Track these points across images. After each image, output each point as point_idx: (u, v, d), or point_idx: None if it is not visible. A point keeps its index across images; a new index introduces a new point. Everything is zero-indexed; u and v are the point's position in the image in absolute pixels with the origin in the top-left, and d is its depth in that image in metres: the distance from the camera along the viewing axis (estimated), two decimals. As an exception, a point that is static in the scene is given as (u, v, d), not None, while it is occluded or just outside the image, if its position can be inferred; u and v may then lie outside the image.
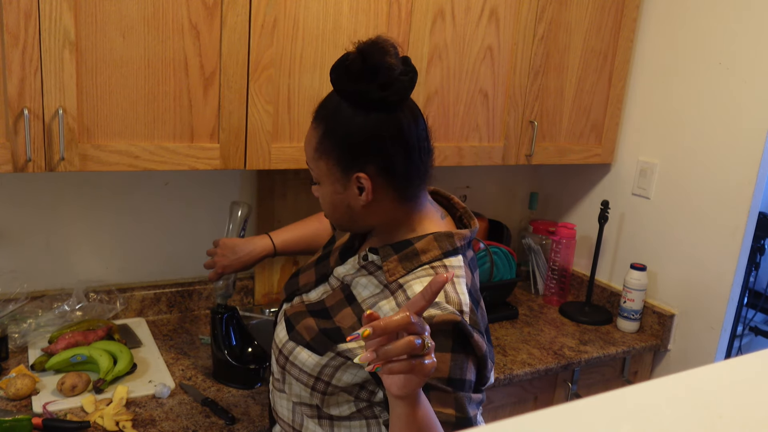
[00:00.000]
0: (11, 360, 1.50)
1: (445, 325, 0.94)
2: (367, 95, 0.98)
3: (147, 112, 1.38)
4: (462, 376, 0.95)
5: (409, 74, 0.99)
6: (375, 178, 1.02)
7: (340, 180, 1.04)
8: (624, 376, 1.98)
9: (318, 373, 1.05)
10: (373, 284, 1.06)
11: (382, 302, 1.02)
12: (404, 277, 1.02)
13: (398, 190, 1.04)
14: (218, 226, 1.87)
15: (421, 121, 1.05)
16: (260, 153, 1.51)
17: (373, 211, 1.06)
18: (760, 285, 2.87)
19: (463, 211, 1.15)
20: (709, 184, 1.85)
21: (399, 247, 1.05)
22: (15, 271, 1.64)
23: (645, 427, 0.40)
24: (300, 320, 1.10)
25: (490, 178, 2.33)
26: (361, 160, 1.01)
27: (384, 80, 0.97)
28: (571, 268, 2.17)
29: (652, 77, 1.99)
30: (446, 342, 0.94)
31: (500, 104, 1.83)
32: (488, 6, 1.73)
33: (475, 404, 0.97)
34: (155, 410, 1.36)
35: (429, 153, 1.07)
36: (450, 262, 1.03)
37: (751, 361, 0.49)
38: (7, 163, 1.27)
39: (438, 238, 1.04)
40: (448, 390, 0.93)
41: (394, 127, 1.00)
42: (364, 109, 1.00)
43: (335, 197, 1.06)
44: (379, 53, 0.96)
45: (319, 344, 1.05)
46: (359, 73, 0.97)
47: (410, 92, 1.01)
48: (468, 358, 0.96)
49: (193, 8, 1.37)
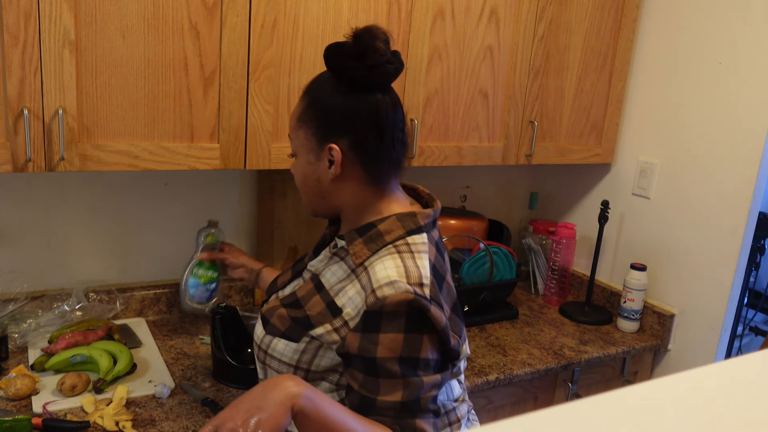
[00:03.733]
0: (11, 360, 1.50)
1: (398, 306, 0.97)
2: (352, 71, 1.05)
3: (147, 112, 1.38)
4: (417, 354, 0.98)
5: (395, 64, 1.06)
6: (346, 153, 1.07)
7: (315, 150, 1.10)
8: (624, 376, 1.98)
9: (296, 362, 1.08)
10: (342, 269, 1.10)
11: (348, 287, 1.06)
12: (369, 259, 1.05)
13: (367, 170, 1.09)
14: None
15: (400, 111, 1.11)
16: (260, 153, 1.51)
17: (340, 188, 1.10)
18: (760, 285, 2.87)
19: (428, 196, 1.19)
20: (709, 184, 1.84)
21: (363, 230, 1.09)
22: (15, 271, 1.64)
23: (645, 427, 0.40)
24: (273, 313, 1.14)
25: (490, 178, 2.33)
26: (336, 133, 1.07)
27: (371, 62, 1.03)
28: (571, 268, 2.17)
29: (652, 77, 1.99)
30: (399, 322, 0.97)
31: (500, 104, 1.83)
32: (488, 6, 1.73)
33: (430, 386, 1.00)
34: (155, 410, 1.36)
35: (403, 145, 1.12)
36: (413, 239, 1.06)
37: (751, 361, 0.49)
38: (7, 163, 1.27)
39: (401, 218, 1.08)
40: (397, 374, 0.97)
41: (372, 107, 1.06)
42: (348, 86, 1.07)
43: (307, 168, 1.12)
44: (371, 38, 1.03)
45: (293, 332, 1.09)
46: (350, 53, 1.04)
47: (393, 79, 1.08)
48: (423, 335, 0.99)
49: (193, 8, 1.37)
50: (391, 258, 1.03)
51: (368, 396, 0.98)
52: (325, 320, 1.06)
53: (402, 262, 1.02)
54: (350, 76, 1.05)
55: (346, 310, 1.04)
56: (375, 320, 0.98)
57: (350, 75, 1.05)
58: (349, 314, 1.03)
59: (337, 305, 1.06)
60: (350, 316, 1.03)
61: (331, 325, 1.05)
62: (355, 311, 1.02)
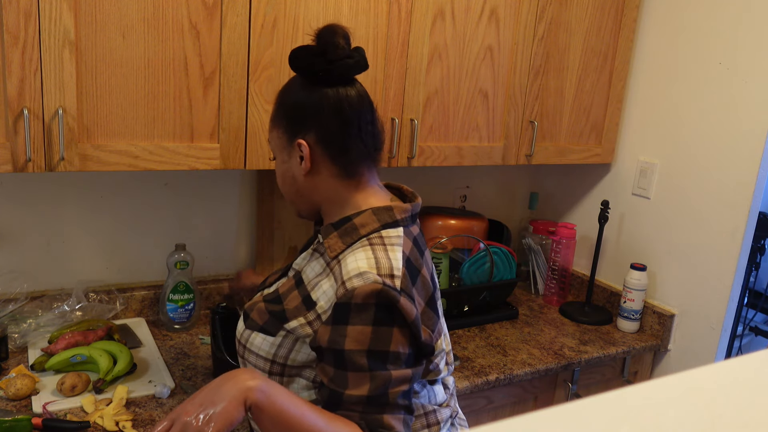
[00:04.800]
0: (11, 360, 1.50)
1: (367, 297, 0.96)
2: (314, 67, 1.07)
3: (147, 112, 1.38)
4: (386, 348, 0.97)
5: (355, 58, 1.08)
6: (314, 147, 1.09)
7: (286, 148, 1.12)
8: (624, 376, 1.98)
9: (273, 356, 1.08)
10: (319, 264, 1.10)
11: (323, 281, 1.06)
12: (343, 252, 1.06)
13: (336, 162, 1.10)
14: (218, 226, 1.87)
15: (366, 103, 1.11)
16: (260, 153, 1.51)
17: (314, 183, 1.11)
18: (760, 285, 2.87)
19: (410, 194, 1.19)
20: (709, 184, 1.84)
21: (339, 224, 1.10)
22: (15, 271, 1.64)
23: (645, 427, 0.40)
24: (253, 308, 1.15)
25: (490, 178, 2.33)
26: (303, 128, 1.09)
27: (332, 57, 1.06)
28: (571, 268, 2.17)
29: (652, 77, 1.99)
30: (368, 314, 0.97)
31: (500, 104, 1.83)
32: (488, 6, 1.73)
33: (399, 381, 0.98)
34: (155, 410, 1.36)
35: (375, 137, 1.12)
36: (387, 233, 1.06)
37: (751, 361, 0.49)
38: (7, 163, 1.27)
39: (376, 212, 1.08)
40: (365, 368, 0.96)
41: (335, 100, 1.08)
42: (312, 82, 1.09)
43: (283, 167, 1.14)
44: (330, 35, 1.06)
45: (270, 326, 1.09)
46: (312, 51, 1.07)
47: (355, 73, 1.09)
48: (393, 328, 0.97)
49: (193, 8, 1.37)
50: (362, 250, 1.03)
51: (336, 390, 0.97)
52: (299, 314, 1.06)
53: (373, 253, 1.02)
54: (312, 71, 1.08)
55: (319, 303, 1.04)
56: (344, 312, 0.97)
57: (312, 70, 1.08)
58: (322, 307, 1.03)
59: (312, 299, 1.06)
60: (323, 309, 1.03)
61: (305, 318, 1.05)
62: (328, 304, 1.02)
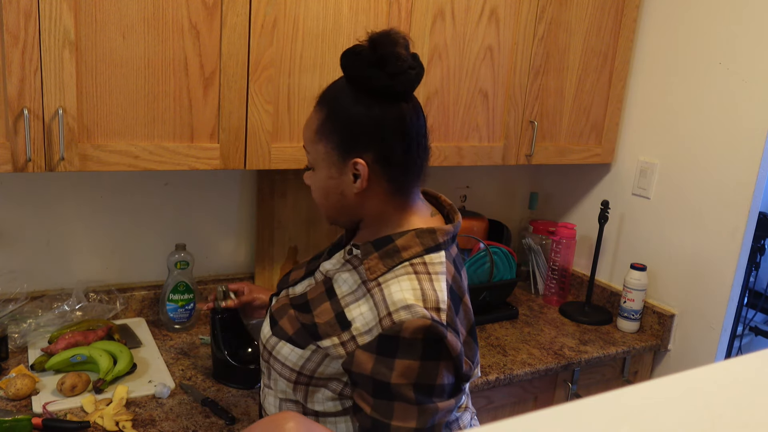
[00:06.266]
0: (11, 360, 1.50)
1: (415, 332, 0.94)
2: (374, 82, 0.99)
3: (147, 112, 1.38)
4: (432, 381, 0.96)
5: (416, 69, 1.01)
6: (372, 166, 1.02)
7: (337, 164, 1.04)
8: (624, 376, 1.98)
9: (300, 368, 1.06)
10: (353, 279, 1.06)
11: (360, 300, 1.02)
12: (384, 275, 1.02)
13: (392, 182, 1.05)
14: (218, 227, 1.87)
15: (422, 117, 1.06)
16: (260, 153, 1.51)
17: (364, 201, 1.06)
18: (760, 285, 2.87)
19: (450, 207, 1.15)
20: (709, 184, 1.84)
21: (379, 244, 1.04)
22: (15, 271, 1.64)
23: (645, 427, 0.40)
24: (283, 315, 1.11)
25: (490, 178, 2.33)
26: (360, 147, 1.02)
27: (392, 70, 0.98)
28: (571, 268, 2.17)
29: (652, 77, 1.99)
30: (416, 349, 0.95)
31: (500, 104, 1.83)
32: (488, 6, 1.73)
33: (445, 412, 0.98)
34: (155, 410, 1.36)
35: (426, 151, 1.08)
36: (431, 258, 1.03)
37: (751, 361, 0.49)
38: (7, 163, 1.27)
39: (419, 235, 1.04)
40: (412, 400, 0.94)
41: (397, 117, 1.01)
42: (369, 96, 1.01)
43: (329, 182, 1.06)
44: (390, 43, 0.98)
45: (300, 338, 1.06)
46: (369, 60, 0.99)
47: (416, 86, 1.03)
48: (440, 362, 0.96)
49: (193, 8, 1.37)
50: (407, 279, 0.99)
51: (381, 420, 0.95)
52: (333, 332, 1.02)
53: (419, 284, 0.98)
54: (371, 86, 1.00)
55: (355, 324, 1.00)
56: (391, 345, 0.95)
57: (371, 85, 1.00)
58: (358, 330, 1.00)
59: (346, 318, 1.02)
60: (359, 331, 0.99)
61: (339, 339, 1.01)
62: (366, 328, 0.99)
